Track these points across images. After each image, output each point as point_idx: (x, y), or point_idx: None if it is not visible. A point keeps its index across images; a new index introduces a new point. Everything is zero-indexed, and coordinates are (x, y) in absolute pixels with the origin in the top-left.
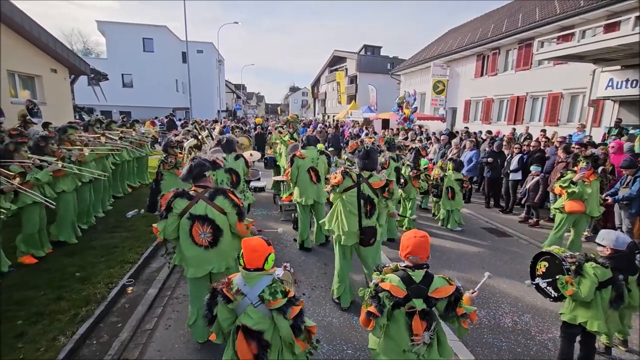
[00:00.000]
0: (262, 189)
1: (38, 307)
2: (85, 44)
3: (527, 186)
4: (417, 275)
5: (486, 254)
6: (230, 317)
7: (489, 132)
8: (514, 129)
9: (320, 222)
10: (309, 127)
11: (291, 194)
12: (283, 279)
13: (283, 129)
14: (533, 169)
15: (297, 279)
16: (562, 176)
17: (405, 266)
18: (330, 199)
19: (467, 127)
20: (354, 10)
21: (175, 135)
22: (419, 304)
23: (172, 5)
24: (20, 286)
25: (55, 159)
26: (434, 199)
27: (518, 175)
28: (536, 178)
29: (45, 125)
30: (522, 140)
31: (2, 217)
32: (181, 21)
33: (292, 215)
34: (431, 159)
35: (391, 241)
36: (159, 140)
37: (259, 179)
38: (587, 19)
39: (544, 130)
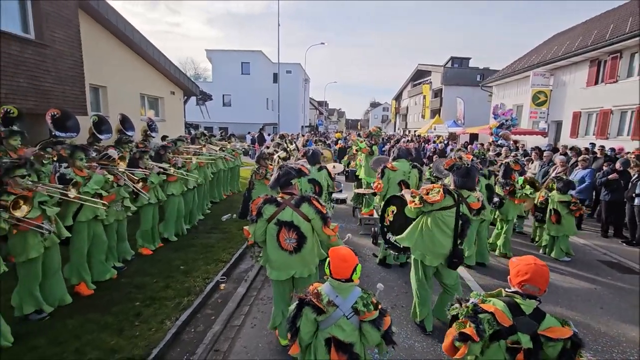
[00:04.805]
0: (343, 201)
1: (151, 292)
2: (196, 69)
3: None
4: (528, 306)
5: (604, 292)
6: (312, 330)
7: (602, 147)
8: None
9: (397, 238)
10: (388, 142)
11: (372, 209)
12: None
13: (363, 139)
14: None
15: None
16: None
17: (514, 292)
18: (407, 213)
19: (593, 144)
20: (436, 19)
21: (267, 147)
22: (525, 340)
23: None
24: (139, 273)
25: (169, 165)
26: (536, 222)
27: None
28: None
29: (164, 138)
30: None
31: (128, 214)
32: (271, 45)
33: (372, 229)
34: (533, 174)
35: (481, 265)
36: (249, 153)
37: (340, 191)
38: None
39: None
